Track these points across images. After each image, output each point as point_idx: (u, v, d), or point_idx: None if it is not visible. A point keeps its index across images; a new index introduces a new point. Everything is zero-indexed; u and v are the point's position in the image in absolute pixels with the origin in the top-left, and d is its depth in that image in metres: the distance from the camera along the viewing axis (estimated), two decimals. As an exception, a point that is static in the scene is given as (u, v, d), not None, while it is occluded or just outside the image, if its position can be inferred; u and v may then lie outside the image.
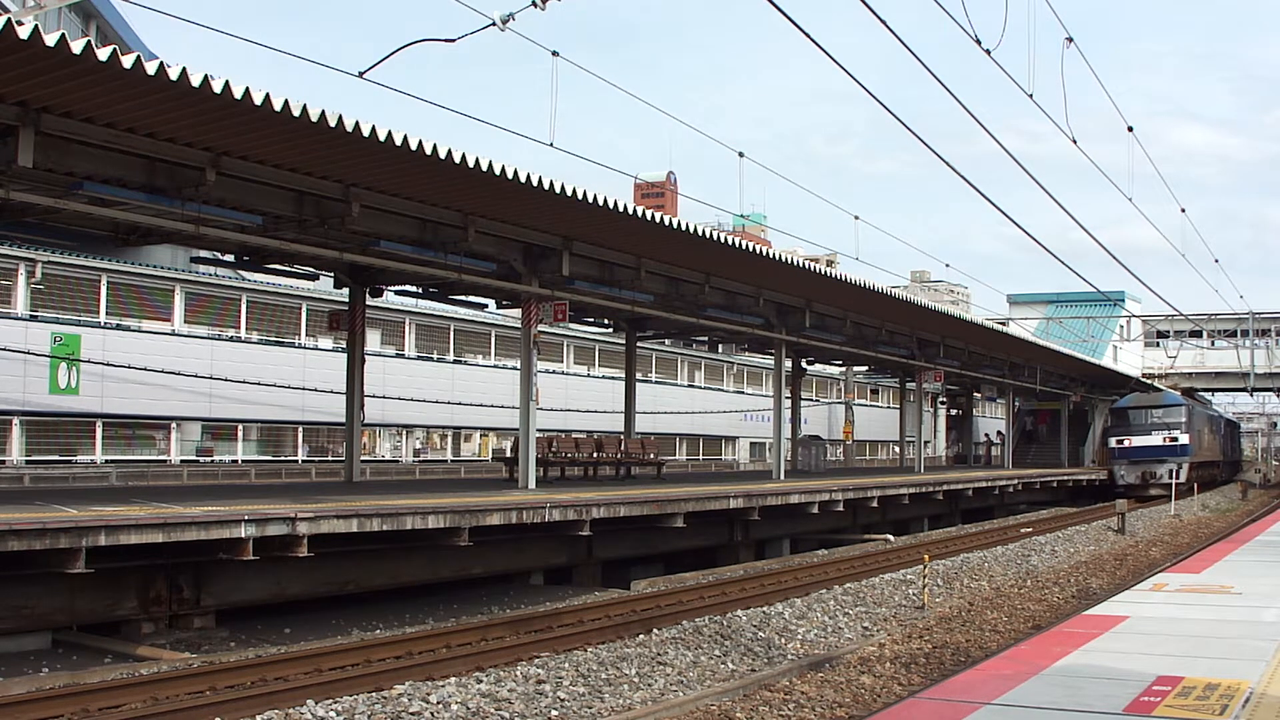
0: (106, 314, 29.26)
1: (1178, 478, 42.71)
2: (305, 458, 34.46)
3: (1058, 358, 43.49)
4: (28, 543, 9.81)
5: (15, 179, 12.62)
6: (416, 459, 39.17)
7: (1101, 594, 15.03)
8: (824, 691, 9.61)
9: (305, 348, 34.23)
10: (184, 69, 10.30)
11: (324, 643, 11.89)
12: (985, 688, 7.11)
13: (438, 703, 8.57)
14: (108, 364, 28.46)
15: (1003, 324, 45.44)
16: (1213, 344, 60.54)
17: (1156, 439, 45.62)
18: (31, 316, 27.59)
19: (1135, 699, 6.73)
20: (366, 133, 12.05)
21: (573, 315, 22.46)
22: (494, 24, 11.76)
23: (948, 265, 59.72)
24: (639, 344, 31.36)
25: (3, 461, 26.81)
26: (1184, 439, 45.46)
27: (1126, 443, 46.22)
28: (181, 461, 30.91)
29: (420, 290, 23.24)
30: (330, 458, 34.72)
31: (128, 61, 9.95)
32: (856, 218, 25.87)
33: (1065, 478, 44.13)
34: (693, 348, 48.74)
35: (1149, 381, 54.44)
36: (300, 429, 34.71)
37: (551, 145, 15.50)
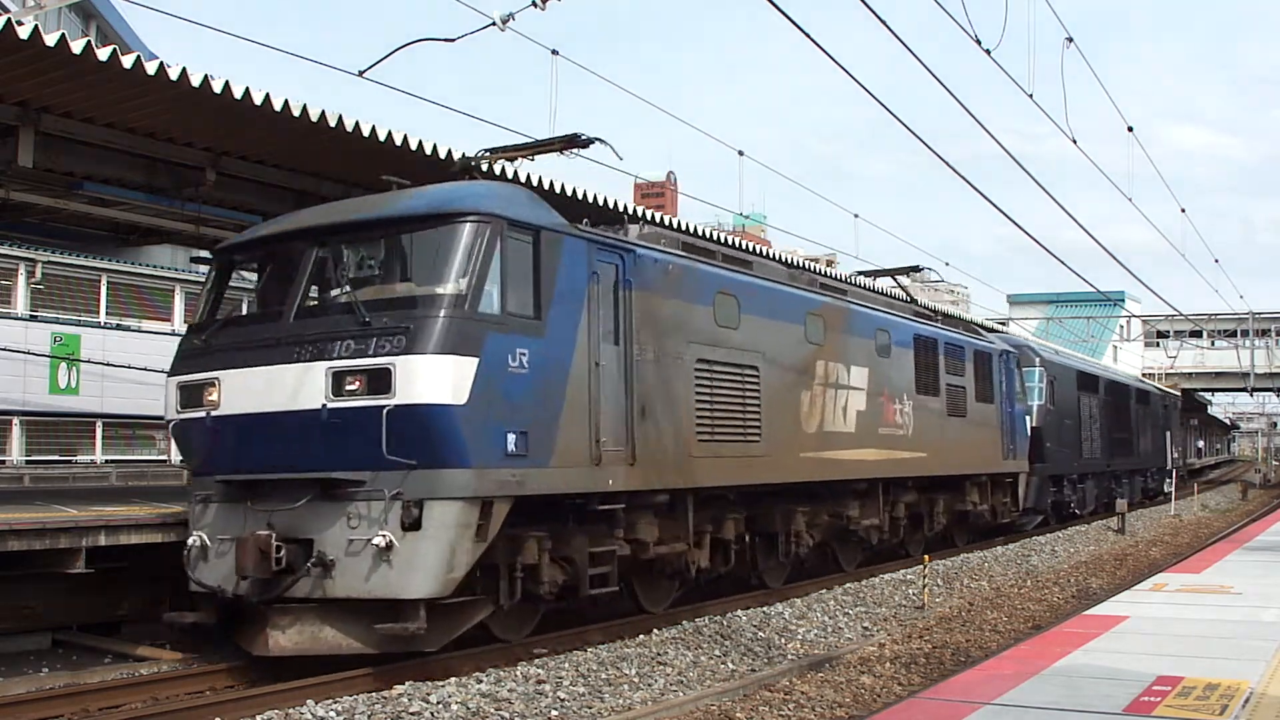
0: (106, 314, 29.27)
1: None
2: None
3: None
4: (28, 543, 9.81)
5: (15, 179, 12.62)
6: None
7: (1101, 594, 15.03)
8: (824, 691, 9.61)
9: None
10: (184, 69, 10.30)
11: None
12: (985, 688, 7.12)
13: (438, 703, 8.57)
14: (108, 364, 28.46)
15: (1003, 324, 45.19)
16: (1213, 344, 60.48)
17: (300, 395, 9.56)
18: (31, 316, 27.60)
19: (1135, 699, 6.74)
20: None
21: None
22: (494, 24, 11.75)
23: (948, 264, 59.54)
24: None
25: (3, 461, 26.82)
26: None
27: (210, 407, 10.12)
28: (182, 461, 30.87)
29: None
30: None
31: (128, 61, 9.95)
32: (856, 216, 25.81)
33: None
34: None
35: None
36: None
37: (550, 144, 15.33)
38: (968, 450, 19.85)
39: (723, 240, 18.22)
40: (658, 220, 15.33)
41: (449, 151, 12.47)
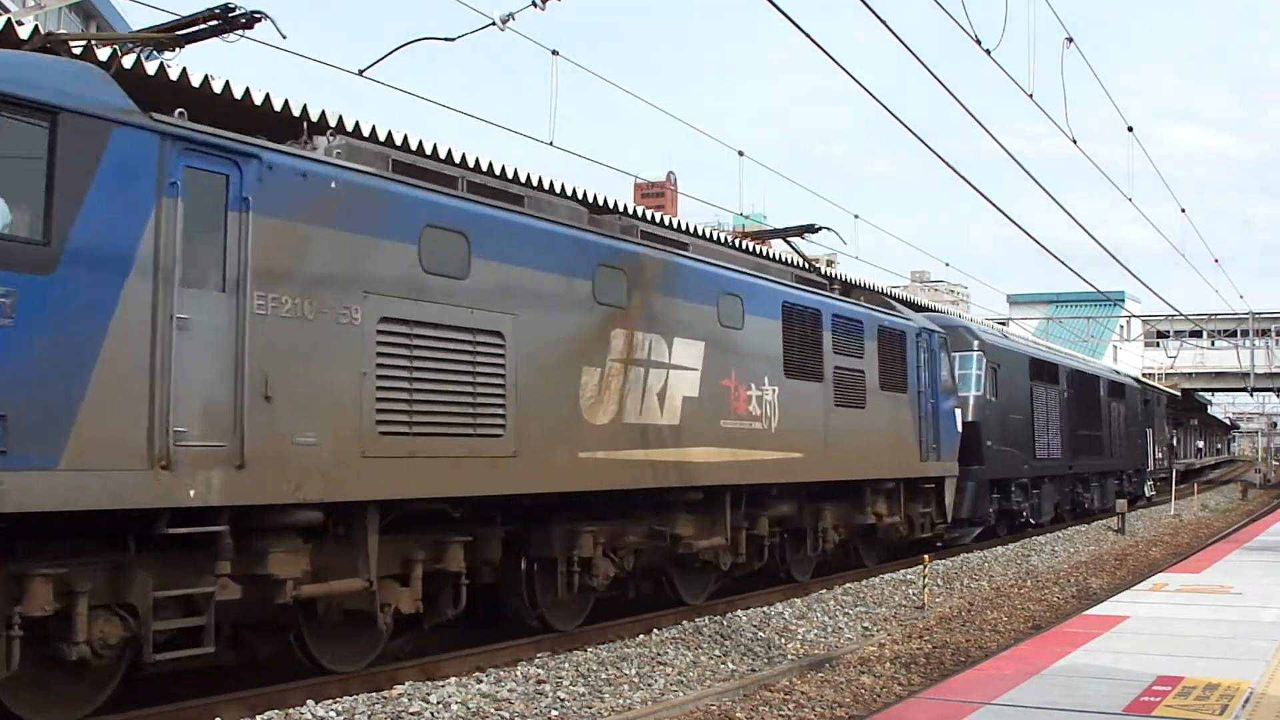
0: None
1: None
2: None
3: None
4: (27, 543, 9.73)
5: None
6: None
7: (1101, 594, 15.04)
8: (824, 691, 9.62)
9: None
10: (184, 69, 10.30)
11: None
12: (985, 688, 7.12)
13: (438, 703, 8.57)
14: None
15: (1002, 324, 45.16)
16: (1213, 344, 60.51)
17: None
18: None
19: (1135, 699, 6.75)
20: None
21: None
22: (494, 23, 11.76)
23: (948, 265, 59.40)
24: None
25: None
26: None
27: None
28: None
29: None
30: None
31: (128, 62, 9.95)
32: (856, 216, 25.80)
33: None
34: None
35: None
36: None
37: (551, 144, 15.42)
38: (867, 450, 15.82)
39: (721, 240, 17.74)
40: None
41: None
